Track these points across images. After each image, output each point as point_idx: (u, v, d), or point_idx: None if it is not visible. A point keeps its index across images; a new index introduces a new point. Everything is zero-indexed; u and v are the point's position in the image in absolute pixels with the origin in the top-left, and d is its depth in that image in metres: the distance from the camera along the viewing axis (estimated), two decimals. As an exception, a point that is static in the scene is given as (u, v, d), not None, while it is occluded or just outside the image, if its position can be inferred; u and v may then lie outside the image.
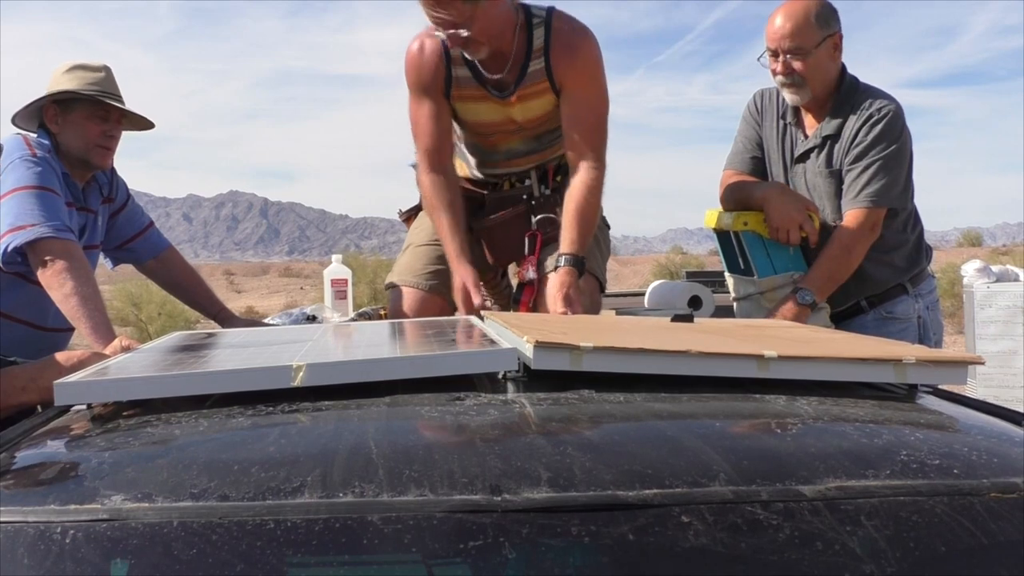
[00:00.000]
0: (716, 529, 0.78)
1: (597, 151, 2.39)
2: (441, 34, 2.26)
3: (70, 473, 0.96)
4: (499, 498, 0.80)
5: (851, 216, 2.55)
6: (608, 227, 2.72)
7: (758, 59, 2.69)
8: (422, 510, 0.78)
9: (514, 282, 2.49)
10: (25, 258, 2.27)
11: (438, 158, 2.46)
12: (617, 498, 0.81)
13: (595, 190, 2.37)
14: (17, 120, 2.56)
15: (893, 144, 2.54)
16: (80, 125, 2.53)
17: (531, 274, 2.39)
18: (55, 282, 2.22)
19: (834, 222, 2.63)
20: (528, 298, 2.36)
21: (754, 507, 0.80)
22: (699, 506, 0.80)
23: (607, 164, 2.42)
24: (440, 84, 2.41)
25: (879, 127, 2.53)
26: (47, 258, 2.23)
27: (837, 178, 2.61)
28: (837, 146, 2.61)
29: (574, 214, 2.33)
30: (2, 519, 0.80)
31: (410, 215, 2.73)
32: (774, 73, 2.63)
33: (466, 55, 2.35)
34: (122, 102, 2.60)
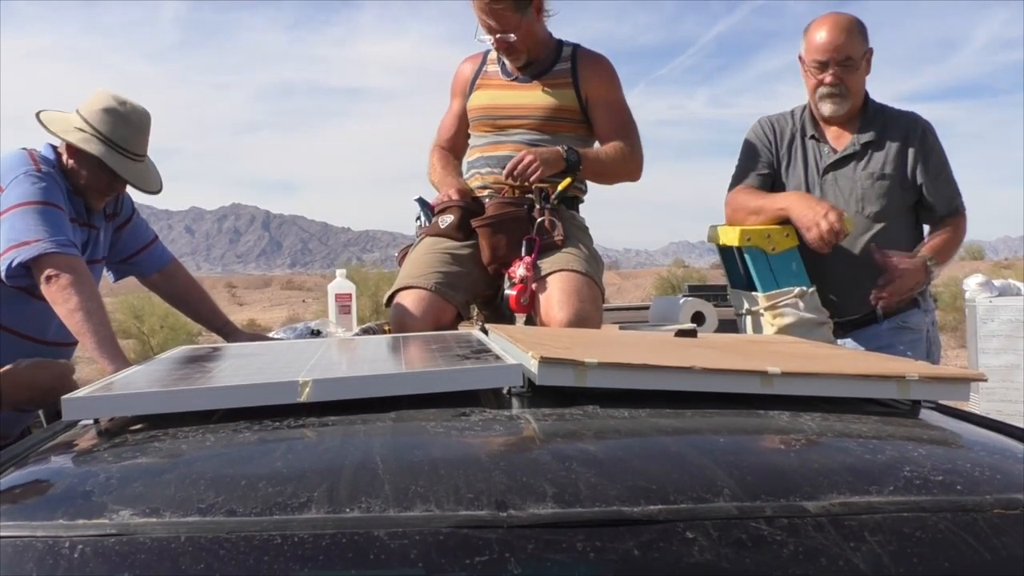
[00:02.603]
0: (721, 545, 0.78)
1: (631, 134, 2.73)
2: (488, 38, 2.67)
3: (78, 488, 0.97)
4: (504, 514, 0.80)
5: (957, 220, 2.77)
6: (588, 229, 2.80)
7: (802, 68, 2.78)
8: (428, 525, 0.79)
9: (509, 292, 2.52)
10: (30, 272, 2.28)
11: (448, 147, 2.93)
12: (622, 514, 0.81)
13: (623, 149, 2.69)
14: (42, 118, 2.55)
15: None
16: (92, 170, 2.52)
17: (521, 271, 2.46)
18: (59, 297, 2.23)
19: (864, 225, 2.70)
20: (518, 294, 2.45)
21: (758, 523, 0.81)
22: (703, 522, 0.80)
23: (642, 167, 2.76)
24: (468, 83, 2.86)
25: (937, 140, 2.75)
26: (51, 273, 2.24)
27: (892, 181, 2.70)
28: (884, 153, 2.71)
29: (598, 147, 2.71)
30: (11, 534, 0.80)
31: (403, 255, 2.77)
32: (820, 84, 2.69)
33: (506, 61, 2.77)
34: (142, 158, 2.59)
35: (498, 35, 2.65)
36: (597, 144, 2.76)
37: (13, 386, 2.15)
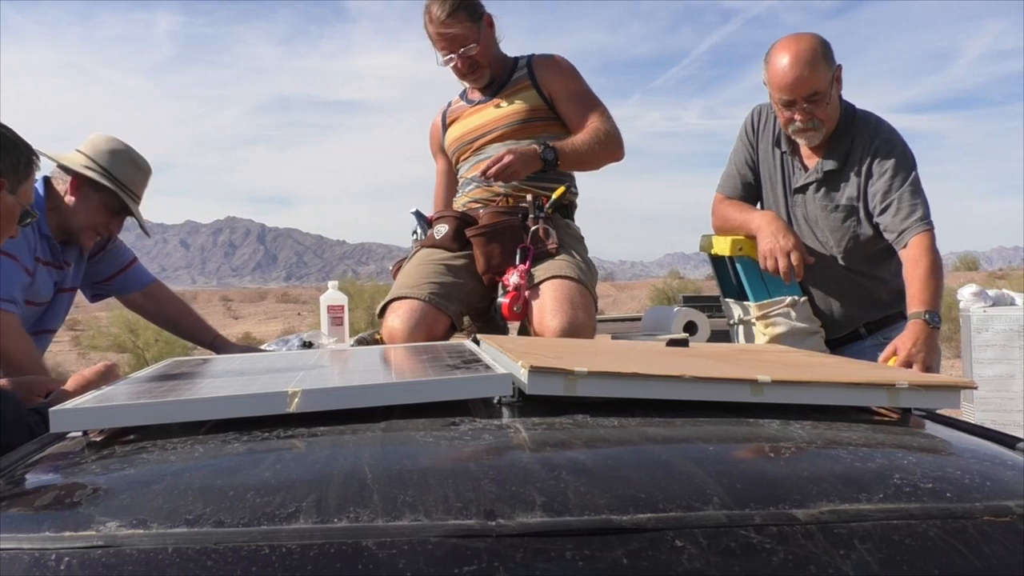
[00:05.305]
0: (710, 553, 0.78)
1: (603, 116, 2.74)
2: (451, 57, 2.70)
3: (66, 499, 0.97)
4: (493, 523, 0.80)
5: (920, 239, 2.45)
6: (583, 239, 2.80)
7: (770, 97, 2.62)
8: (417, 535, 0.79)
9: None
10: None
11: (443, 203, 3.02)
12: (611, 522, 0.81)
13: (597, 130, 2.70)
14: (47, 154, 2.59)
15: (911, 166, 2.54)
16: (95, 208, 2.56)
17: (515, 279, 2.47)
18: None
19: (831, 253, 2.64)
20: (511, 301, 2.46)
21: (748, 531, 0.81)
22: (693, 530, 0.80)
23: (622, 145, 2.77)
24: (440, 130, 2.95)
25: (893, 156, 2.52)
26: None
27: (846, 212, 2.60)
28: (844, 183, 2.60)
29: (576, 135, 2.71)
30: None
31: (398, 268, 2.78)
32: (790, 121, 2.56)
33: (469, 86, 2.83)
34: (139, 201, 2.65)
35: (460, 49, 2.69)
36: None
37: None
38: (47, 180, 2.58)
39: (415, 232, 2.83)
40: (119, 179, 2.56)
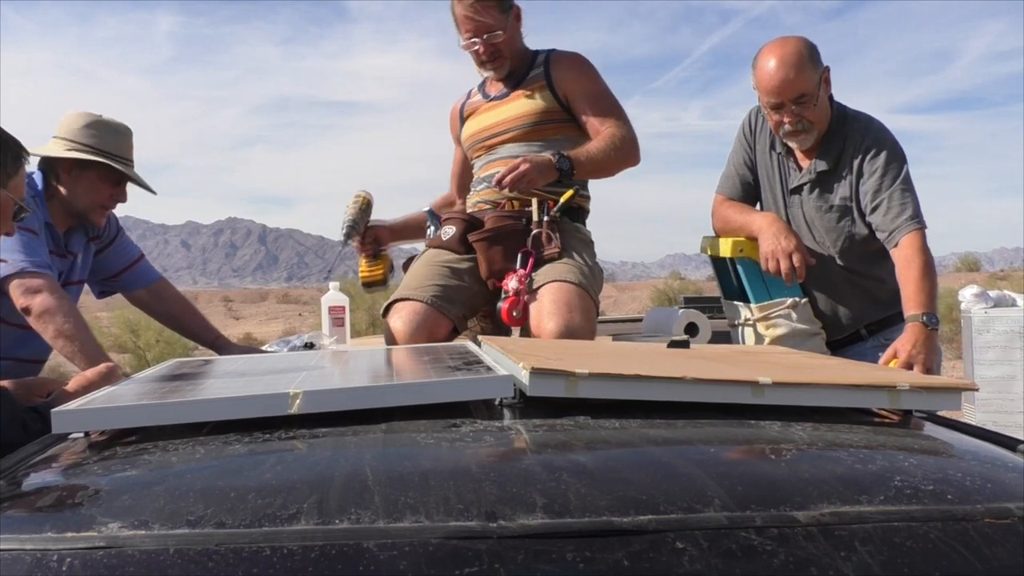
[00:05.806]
0: (711, 555, 0.78)
1: (619, 119, 2.69)
2: (476, 41, 2.67)
3: (67, 500, 0.97)
4: (494, 524, 0.80)
5: (911, 238, 2.43)
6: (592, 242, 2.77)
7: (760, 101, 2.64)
8: (418, 537, 0.79)
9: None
10: (2, 292, 2.30)
11: (457, 190, 3.06)
12: (612, 524, 0.81)
13: (612, 136, 2.64)
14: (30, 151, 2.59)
15: (901, 164, 2.53)
16: (93, 185, 2.56)
17: (513, 283, 2.45)
18: (38, 325, 2.27)
19: (829, 253, 2.65)
20: (509, 307, 2.44)
21: (748, 533, 0.81)
22: (694, 532, 0.80)
23: (638, 149, 2.71)
24: (458, 122, 2.94)
25: (883, 155, 2.53)
26: (26, 300, 2.27)
27: (840, 212, 2.61)
28: (837, 183, 2.60)
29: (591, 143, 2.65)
30: (0, 546, 0.80)
31: (408, 264, 2.78)
32: (779, 124, 2.58)
33: (488, 76, 2.82)
34: (132, 163, 2.63)
35: (485, 35, 2.66)
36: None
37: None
38: (43, 174, 2.58)
39: (429, 227, 2.84)
40: (105, 150, 2.55)
